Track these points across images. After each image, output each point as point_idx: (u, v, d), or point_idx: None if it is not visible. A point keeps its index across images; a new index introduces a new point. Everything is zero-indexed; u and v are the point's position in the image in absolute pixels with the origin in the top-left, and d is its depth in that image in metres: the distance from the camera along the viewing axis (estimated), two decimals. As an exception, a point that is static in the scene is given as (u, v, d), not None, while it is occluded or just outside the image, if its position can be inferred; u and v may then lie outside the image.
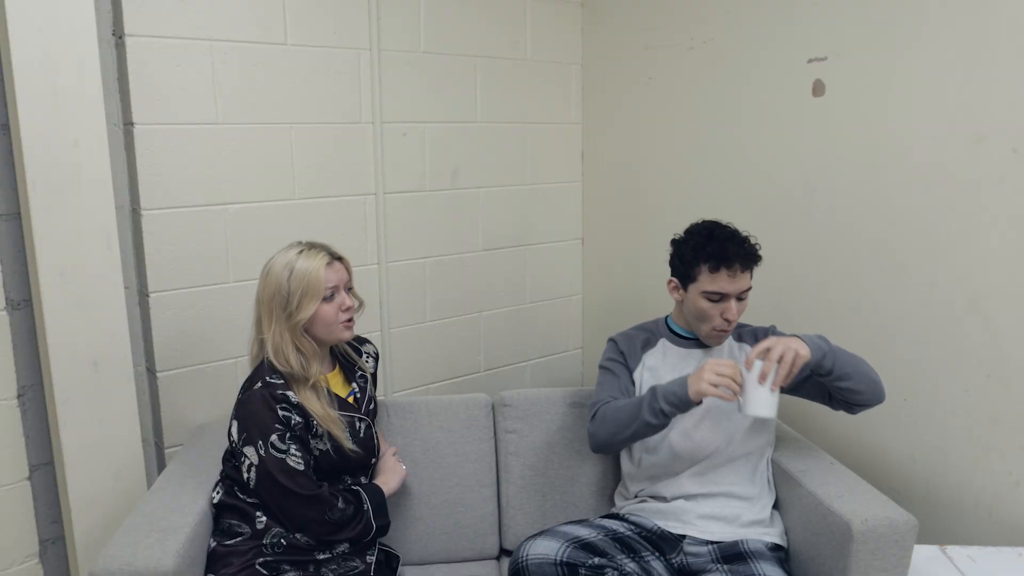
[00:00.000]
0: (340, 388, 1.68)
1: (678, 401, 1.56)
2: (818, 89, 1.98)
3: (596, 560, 1.55)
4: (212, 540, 1.57)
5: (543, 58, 2.44)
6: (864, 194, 1.91)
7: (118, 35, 1.85)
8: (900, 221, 1.84)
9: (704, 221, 1.74)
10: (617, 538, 1.62)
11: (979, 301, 1.71)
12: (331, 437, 1.57)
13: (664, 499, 1.72)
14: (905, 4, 1.77)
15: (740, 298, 1.69)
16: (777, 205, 2.12)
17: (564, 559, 1.52)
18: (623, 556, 1.59)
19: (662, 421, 1.59)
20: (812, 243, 2.04)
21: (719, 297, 1.66)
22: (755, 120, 2.15)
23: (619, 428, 1.65)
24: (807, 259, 2.06)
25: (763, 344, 1.51)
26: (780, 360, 1.48)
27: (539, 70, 2.14)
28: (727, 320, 1.68)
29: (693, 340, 1.79)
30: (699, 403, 1.56)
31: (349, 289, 1.63)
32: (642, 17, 2.47)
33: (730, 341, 1.79)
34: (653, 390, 1.60)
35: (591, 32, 2.67)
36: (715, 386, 1.51)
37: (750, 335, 1.80)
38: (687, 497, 1.69)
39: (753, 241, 1.69)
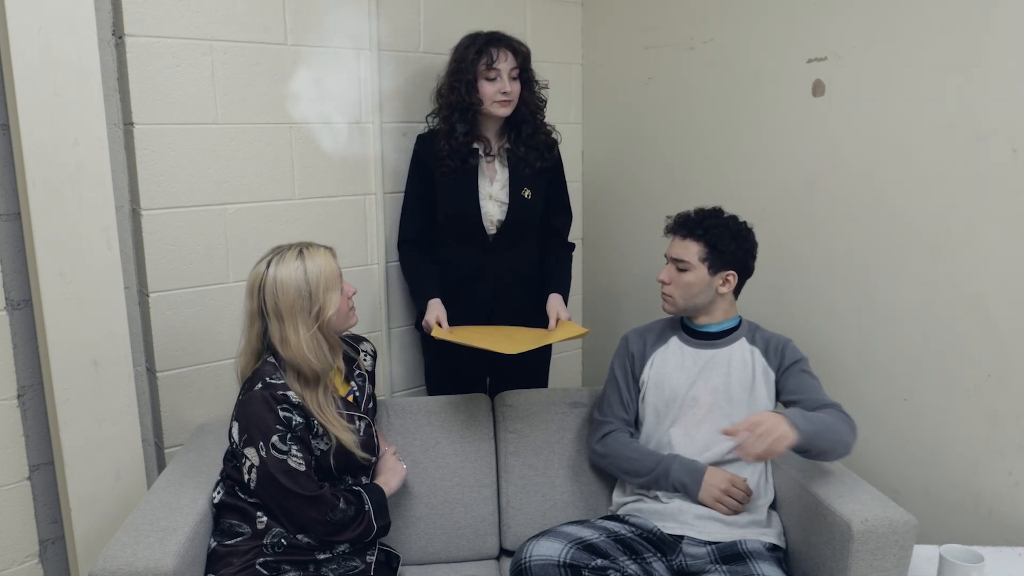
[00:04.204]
0: (339, 387, 1.68)
1: (685, 491, 1.68)
2: (818, 89, 1.98)
3: (599, 561, 1.55)
4: (212, 540, 1.58)
5: (543, 58, 2.44)
6: (864, 194, 1.91)
7: (118, 35, 1.85)
8: (900, 221, 1.84)
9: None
10: (619, 539, 1.62)
11: (979, 301, 1.71)
12: (340, 442, 1.57)
13: (660, 499, 1.72)
14: (905, 4, 1.78)
15: (679, 268, 1.74)
16: (777, 205, 2.12)
17: (567, 560, 1.52)
18: (625, 558, 1.59)
19: (667, 491, 1.71)
20: (812, 243, 2.05)
21: (667, 261, 1.78)
22: (755, 120, 2.15)
23: (624, 473, 1.78)
24: (807, 259, 2.06)
25: (754, 419, 1.48)
26: (760, 437, 1.45)
27: (539, 70, 2.14)
28: (660, 281, 1.78)
29: (707, 338, 1.79)
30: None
31: None
32: (642, 17, 2.47)
33: (743, 343, 1.78)
34: (669, 466, 1.69)
35: (591, 32, 2.67)
36: (720, 503, 1.65)
37: (763, 341, 1.79)
38: (684, 497, 1.69)
39: (716, 217, 1.76)
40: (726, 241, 1.73)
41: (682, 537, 1.65)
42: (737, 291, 1.81)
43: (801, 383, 1.71)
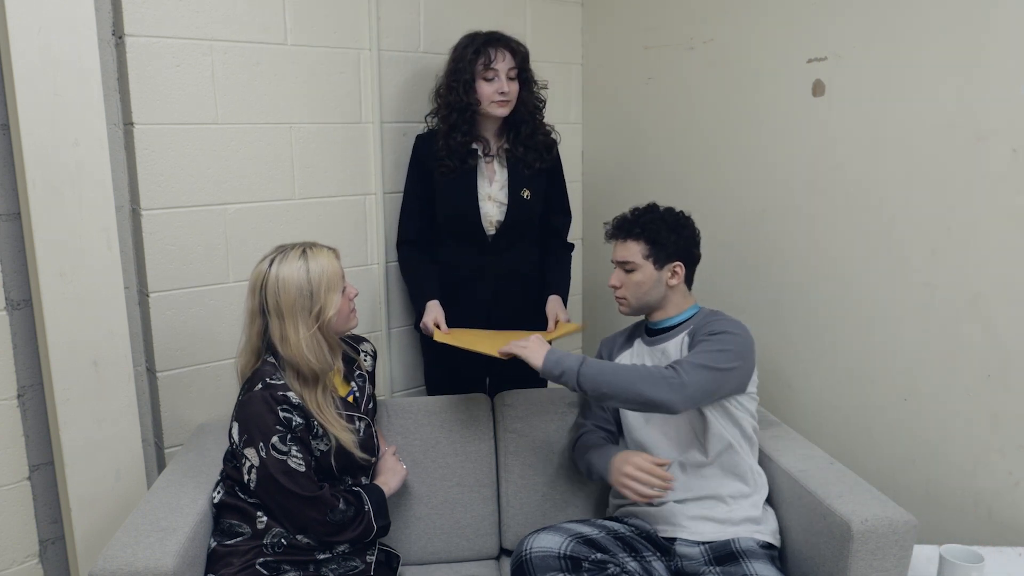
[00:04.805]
0: (339, 387, 1.68)
1: (605, 479, 1.70)
2: (818, 89, 1.98)
3: (599, 556, 1.55)
4: (212, 540, 1.58)
5: (543, 58, 2.44)
6: (864, 194, 1.91)
7: (118, 35, 1.85)
8: (900, 221, 1.84)
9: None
10: (619, 537, 1.62)
11: (979, 301, 1.71)
12: (340, 442, 1.57)
13: (651, 503, 1.72)
14: (905, 4, 1.77)
15: (627, 269, 1.76)
16: (777, 205, 2.12)
17: (568, 553, 1.53)
18: (624, 555, 1.59)
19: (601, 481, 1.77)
20: (812, 243, 2.04)
21: (615, 266, 1.79)
22: (755, 120, 2.15)
23: (585, 473, 1.81)
24: (807, 259, 2.06)
25: (525, 339, 1.67)
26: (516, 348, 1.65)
27: (539, 70, 2.14)
28: (611, 287, 1.80)
29: (662, 333, 1.79)
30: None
31: None
32: (642, 17, 2.47)
33: (684, 335, 1.75)
34: (590, 460, 1.74)
35: (591, 32, 2.67)
36: (625, 487, 1.59)
37: (698, 325, 1.73)
38: (677, 500, 1.69)
39: (652, 213, 1.78)
40: (665, 234, 1.75)
41: (675, 539, 1.66)
42: (689, 281, 1.82)
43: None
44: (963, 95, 1.69)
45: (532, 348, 1.63)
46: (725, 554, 1.61)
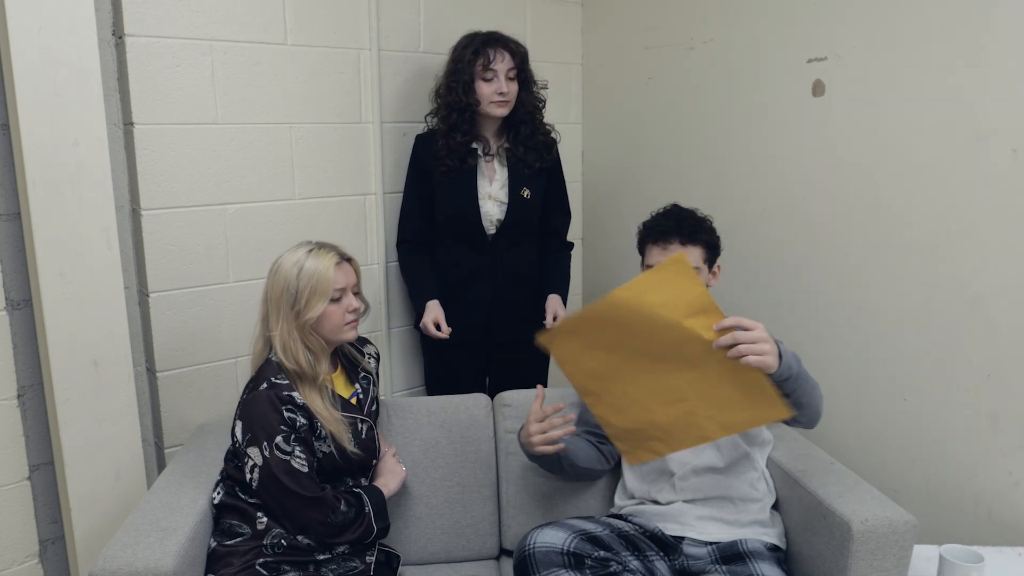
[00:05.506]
0: (343, 389, 1.68)
1: (535, 459, 1.71)
2: (818, 89, 1.98)
3: (602, 553, 1.55)
4: (212, 540, 1.58)
5: (543, 58, 2.44)
6: (864, 194, 1.91)
7: (118, 35, 1.85)
8: (900, 221, 1.84)
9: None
10: (623, 535, 1.62)
11: (979, 301, 1.71)
12: (334, 438, 1.57)
13: (659, 502, 1.72)
14: (905, 4, 1.78)
15: None
16: (777, 205, 2.12)
17: (571, 549, 1.53)
18: (627, 553, 1.59)
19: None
20: (812, 243, 2.05)
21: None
22: (755, 120, 2.15)
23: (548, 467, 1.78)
24: (807, 259, 2.06)
25: (748, 323, 1.36)
26: (743, 348, 1.34)
27: (539, 70, 2.14)
28: None
29: None
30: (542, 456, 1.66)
31: (356, 293, 1.64)
32: (642, 17, 2.47)
33: None
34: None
35: (591, 32, 2.67)
36: (539, 445, 1.61)
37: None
38: (687, 500, 1.69)
39: (701, 216, 1.72)
40: (715, 236, 1.74)
41: (682, 538, 1.66)
42: None
43: None
44: (963, 95, 1.69)
45: (768, 350, 1.35)
46: (732, 554, 1.61)
